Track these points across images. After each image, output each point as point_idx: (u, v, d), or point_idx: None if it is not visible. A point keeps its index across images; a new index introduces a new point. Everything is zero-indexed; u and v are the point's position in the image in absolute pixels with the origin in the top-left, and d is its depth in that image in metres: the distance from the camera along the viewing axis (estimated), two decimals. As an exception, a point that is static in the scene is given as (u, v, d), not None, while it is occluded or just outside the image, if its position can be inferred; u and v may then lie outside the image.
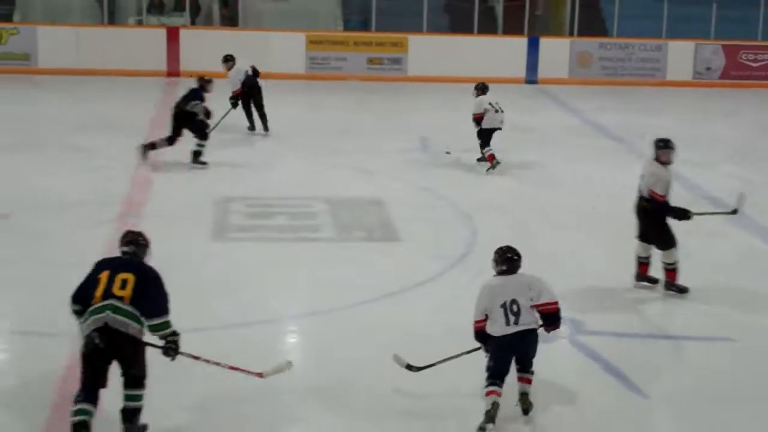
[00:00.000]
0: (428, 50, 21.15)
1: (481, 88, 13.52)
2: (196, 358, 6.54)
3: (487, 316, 6.68)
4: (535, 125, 17.13)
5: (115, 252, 6.56)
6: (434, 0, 22.06)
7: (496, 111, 13.24)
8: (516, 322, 6.62)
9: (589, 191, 12.72)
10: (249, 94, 15.07)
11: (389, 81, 20.44)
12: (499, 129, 13.36)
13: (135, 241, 6.48)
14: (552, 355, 7.51)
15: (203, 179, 12.66)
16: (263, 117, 15.20)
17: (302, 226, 11.08)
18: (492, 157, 13.31)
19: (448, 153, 14.32)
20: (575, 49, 21.98)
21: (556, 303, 6.74)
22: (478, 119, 13.31)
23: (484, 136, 13.38)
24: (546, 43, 21.87)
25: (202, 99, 13.13)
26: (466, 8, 21.82)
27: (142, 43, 20.58)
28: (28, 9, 21.54)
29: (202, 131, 13.12)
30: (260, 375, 6.72)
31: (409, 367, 7.03)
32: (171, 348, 6.25)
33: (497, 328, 6.64)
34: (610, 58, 22.02)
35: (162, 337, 6.24)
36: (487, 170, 13.36)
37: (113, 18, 21.48)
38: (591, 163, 14.39)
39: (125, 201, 11.48)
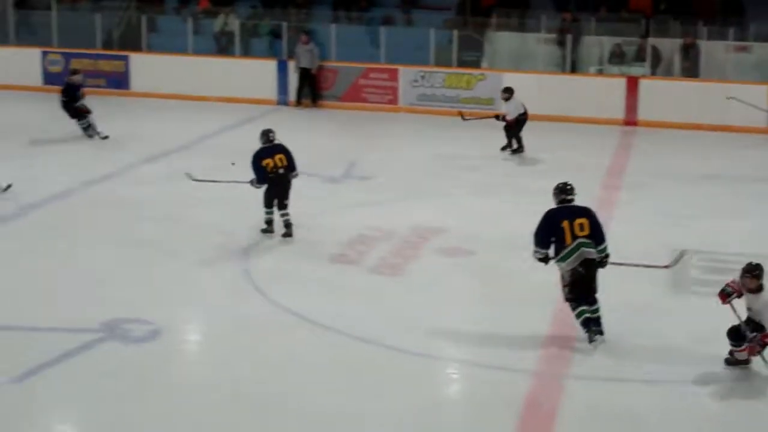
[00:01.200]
0: None
1: None
2: (619, 264, 9.05)
3: None
4: None
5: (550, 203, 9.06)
6: None
7: None
8: None
9: None
10: (517, 125, 17.15)
11: None
12: None
13: (574, 190, 9.08)
14: None
15: (652, 229, 12.62)
16: (520, 140, 17.33)
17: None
18: None
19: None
20: None
21: None
22: None
23: None
24: None
25: None
26: None
27: (601, 91, 20.91)
28: (495, 56, 22.63)
29: None
30: (666, 267, 9.08)
31: None
32: (605, 262, 8.85)
33: None
34: None
35: (601, 257, 8.80)
36: None
37: (575, 67, 22.02)
38: None
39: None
